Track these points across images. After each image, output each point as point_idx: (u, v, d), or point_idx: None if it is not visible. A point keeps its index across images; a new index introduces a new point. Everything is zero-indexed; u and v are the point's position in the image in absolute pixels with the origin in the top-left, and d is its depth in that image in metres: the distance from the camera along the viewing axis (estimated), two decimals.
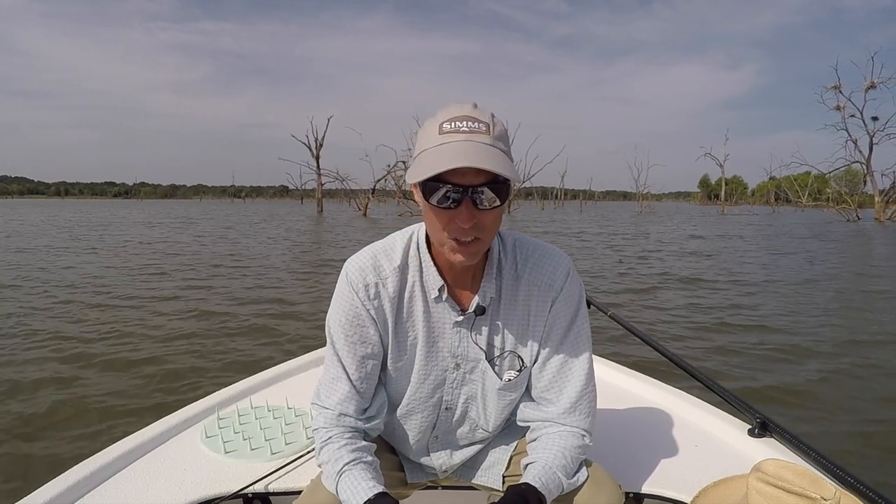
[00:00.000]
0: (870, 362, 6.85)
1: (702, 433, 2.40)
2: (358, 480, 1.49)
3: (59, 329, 8.01)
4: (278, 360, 3.18)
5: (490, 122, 1.39)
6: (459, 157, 1.30)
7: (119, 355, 6.78)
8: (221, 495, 1.91)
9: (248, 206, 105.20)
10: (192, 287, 11.94)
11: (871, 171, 52.95)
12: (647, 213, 70.23)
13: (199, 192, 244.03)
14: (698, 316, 9.43)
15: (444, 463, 1.85)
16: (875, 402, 5.55)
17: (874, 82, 51.16)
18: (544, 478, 1.53)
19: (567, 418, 1.66)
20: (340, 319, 1.62)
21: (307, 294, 11.36)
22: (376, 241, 1.68)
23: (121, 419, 4.86)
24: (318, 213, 55.63)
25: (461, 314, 1.62)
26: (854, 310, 10.22)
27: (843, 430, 4.92)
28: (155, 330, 8.06)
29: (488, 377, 1.68)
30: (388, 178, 55.87)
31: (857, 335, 8.21)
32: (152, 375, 6.07)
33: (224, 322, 8.66)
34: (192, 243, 22.81)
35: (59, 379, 5.91)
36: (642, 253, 20.17)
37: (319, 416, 1.65)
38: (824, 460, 1.94)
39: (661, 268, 15.89)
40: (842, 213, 55.03)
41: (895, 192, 51.64)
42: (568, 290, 1.64)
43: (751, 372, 6.46)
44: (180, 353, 6.96)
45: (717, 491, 1.69)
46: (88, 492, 1.91)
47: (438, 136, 1.37)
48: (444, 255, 1.50)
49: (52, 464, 3.92)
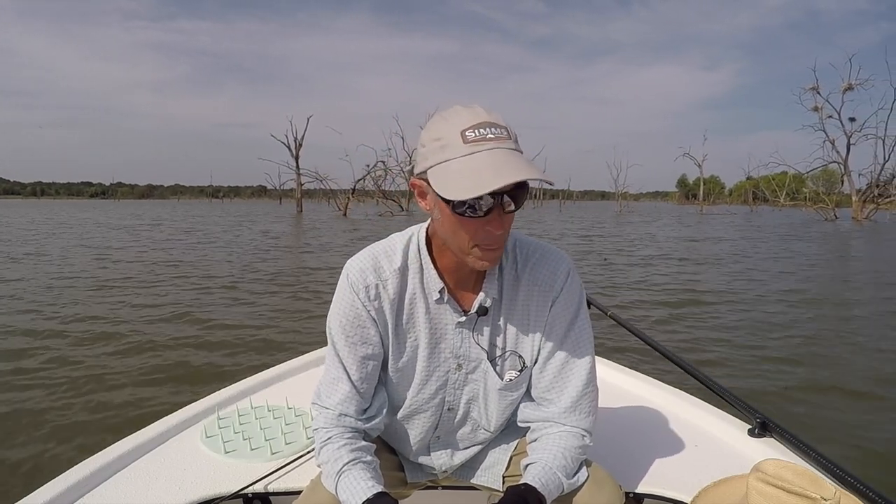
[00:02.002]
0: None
1: (702, 433, 2.40)
2: (357, 480, 1.49)
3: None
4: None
5: (507, 126, 1.38)
6: (504, 171, 1.28)
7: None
8: (221, 495, 1.91)
9: (225, 206, 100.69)
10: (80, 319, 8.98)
11: (848, 172, 54.28)
12: (628, 213, 70.07)
13: (177, 193, 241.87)
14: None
15: (445, 463, 1.85)
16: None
17: (852, 84, 51.99)
18: (544, 478, 1.53)
19: (567, 418, 1.66)
20: (341, 320, 1.62)
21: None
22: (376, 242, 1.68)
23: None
24: (297, 213, 55.25)
25: (463, 315, 1.62)
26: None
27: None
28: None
29: (490, 377, 1.68)
30: (367, 178, 55.70)
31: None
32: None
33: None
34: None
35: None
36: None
37: (320, 416, 1.65)
38: (824, 460, 1.95)
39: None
40: (820, 212, 55.61)
41: (872, 192, 52.43)
42: (568, 290, 1.65)
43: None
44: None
45: (717, 491, 1.69)
46: (88, 492, 1.91)
47: (464, 145, 1.33)
48: (466, 261, 1.49)
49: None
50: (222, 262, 16.73)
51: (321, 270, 14.99)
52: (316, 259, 17.90)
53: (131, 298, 10.69)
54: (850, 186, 54.67)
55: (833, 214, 53.18)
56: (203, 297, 11.09)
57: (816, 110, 54.54)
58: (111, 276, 13.62)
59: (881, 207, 53.06)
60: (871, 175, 53.70)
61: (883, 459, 4.44)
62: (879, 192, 53.15)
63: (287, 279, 13.56)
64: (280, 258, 18.08)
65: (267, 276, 13.82)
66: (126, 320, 8.83)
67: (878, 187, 53.45)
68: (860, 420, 5.26)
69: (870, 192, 53.20)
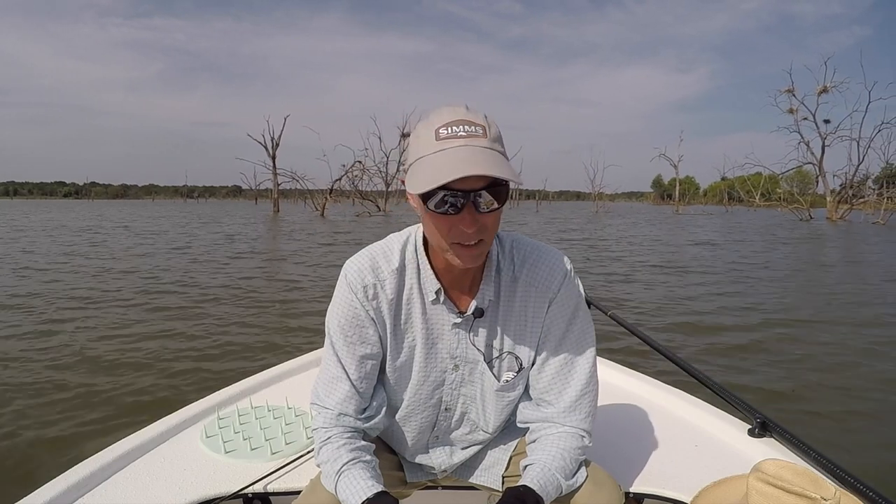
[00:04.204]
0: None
1: (701, 433, 2.41)
2: (357, 480, 1.50)
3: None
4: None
5: (485, 123, 1.38)
6: (460, 166, 1.29)
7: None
8: (221, 495, 1.91)
9: (200, 206, 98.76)
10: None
11: (823, 173, 55.13)
12: (605, 214, 69.97)
13: (152, 192, 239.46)
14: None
15: (444, 462, 1.85)
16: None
17: (827, 86, 52.59)
18: (542, 480, 1.53)
19: (567, 418, 1.67)
20: (340, 320, 1.62)
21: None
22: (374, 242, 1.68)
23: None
24: (273, 214, 54.61)
25: (459, 316, 1.62)
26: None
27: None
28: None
29: (486, 378, 1.68)
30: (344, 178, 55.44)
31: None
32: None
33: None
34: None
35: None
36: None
37: (319, 415, 1.66)
38: (824, 460, 1.95)
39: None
40: (795, 212, 56.11)
41: (847, 193, 53.04)
42: (565, 291, 1.64)
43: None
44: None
45: (717, 491, 1.69)
46: (88, 491, 1.91)
47: (435, 142, 1.36)
48: (447, 259, 1.50)
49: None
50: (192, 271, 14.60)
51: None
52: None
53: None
54: (824, 187, 55.58)
55: (808, 215, 53.60)
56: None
57: (792, 112, 55.54)
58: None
59: (855, 207, 53.76)
60: (846, 176, 54.99)
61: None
62: (854, 193, 54.11)
63: (285, 280, 13.28)
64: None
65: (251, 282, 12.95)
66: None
67: (853, 188, 54.47)
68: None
69: (844, 193, 54.15)
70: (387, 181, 60.69)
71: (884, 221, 46.06)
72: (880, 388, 6.08)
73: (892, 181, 55.18)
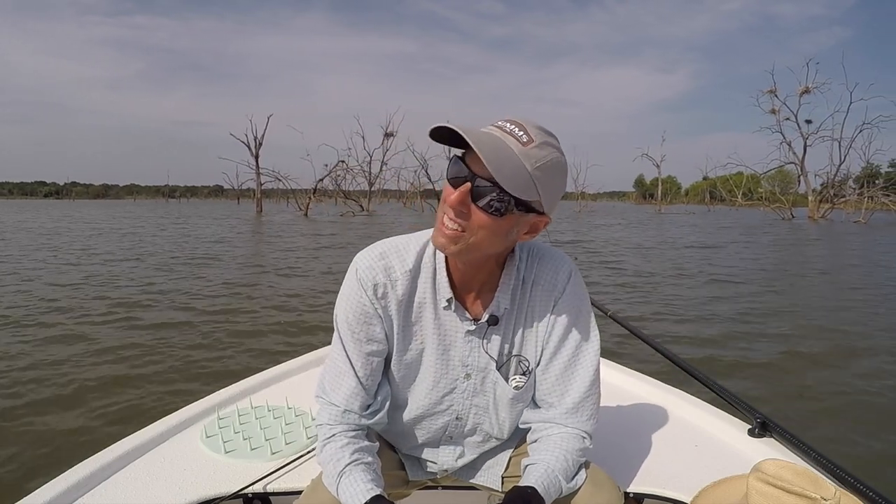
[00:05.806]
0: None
1: (702, 433, 2.40)
2: (357, 482, 1.49)
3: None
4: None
5: (535, 138, 1.34)
6: (450, 127, 1.29)
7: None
8: (221, 495, 1.91)
9: (182, 206, 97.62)
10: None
11: (805, 172, 55.68)
12: (588, 213, 69.88)
13: (133, 192, 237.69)
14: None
15: (448, 462, 1.84)
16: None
17: (809, 87, 53.06)
18: (546, 481, 1.53)
19: (569, 419, 1.66)
20: (347, 315, 1.61)
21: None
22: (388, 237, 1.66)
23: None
24: (257, 213, 53.91)
25: (473, 324, 1.61)
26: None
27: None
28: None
29: (500, 386, 1.67)
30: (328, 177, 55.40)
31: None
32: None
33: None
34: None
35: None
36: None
37: (324, 411, 1.65)
38: (824, 460, 1.95)
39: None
40: (777, 211, 56.55)
41: (828, 192, 53.51)
42: (570, 291, 1.64)
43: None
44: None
45: (717, 491, 1.70)
46: (88, 491, 1.91)
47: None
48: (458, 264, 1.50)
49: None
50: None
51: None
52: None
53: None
54: (806, 187, 56.10)
55: (790, 214, 54.09)
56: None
57: (774, 113, 56.14)
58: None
59: (836, 207, 54.24)
60: (828, 176, 55.59)
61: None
62: (835, 193, 54.71)
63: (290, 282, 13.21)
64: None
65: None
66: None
67: (834, 188, 55.06)
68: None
69: (826, 192, 54.78)
70: (370, 181, 60.69)
71: (865, 220, 46.68)
72: (881, 388, 6.12)
73: (873, 181, 55.99)
